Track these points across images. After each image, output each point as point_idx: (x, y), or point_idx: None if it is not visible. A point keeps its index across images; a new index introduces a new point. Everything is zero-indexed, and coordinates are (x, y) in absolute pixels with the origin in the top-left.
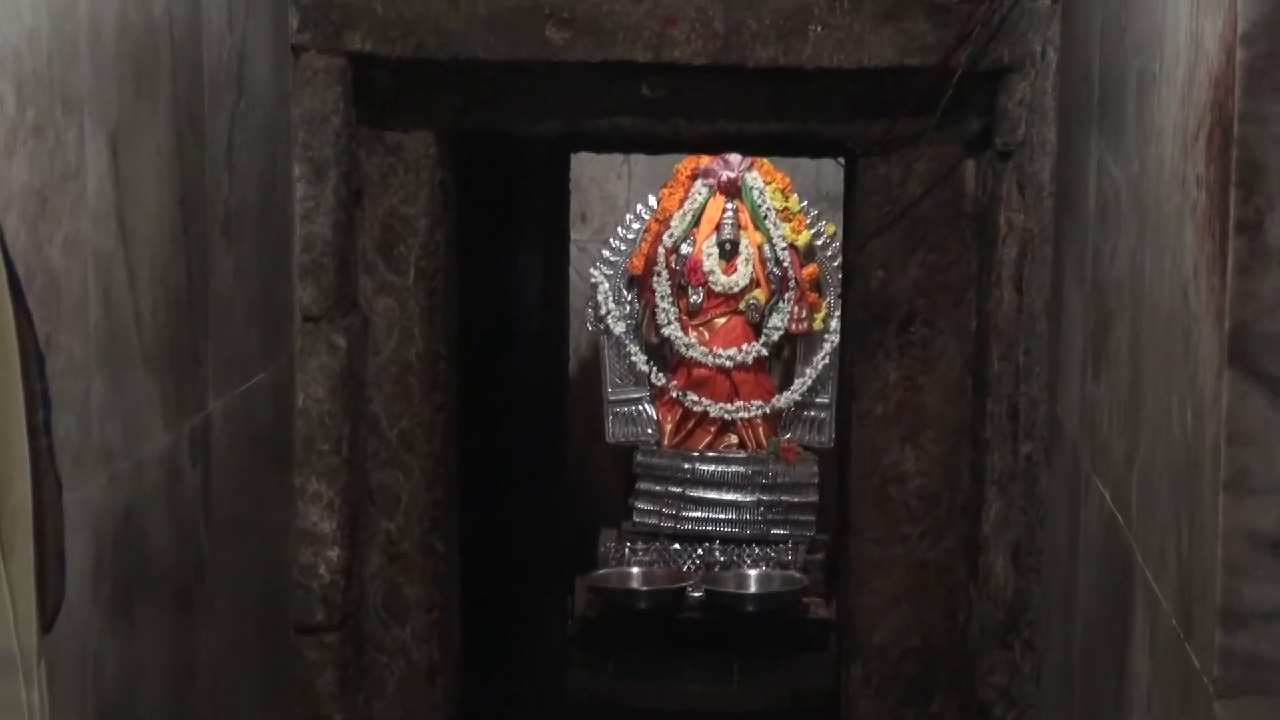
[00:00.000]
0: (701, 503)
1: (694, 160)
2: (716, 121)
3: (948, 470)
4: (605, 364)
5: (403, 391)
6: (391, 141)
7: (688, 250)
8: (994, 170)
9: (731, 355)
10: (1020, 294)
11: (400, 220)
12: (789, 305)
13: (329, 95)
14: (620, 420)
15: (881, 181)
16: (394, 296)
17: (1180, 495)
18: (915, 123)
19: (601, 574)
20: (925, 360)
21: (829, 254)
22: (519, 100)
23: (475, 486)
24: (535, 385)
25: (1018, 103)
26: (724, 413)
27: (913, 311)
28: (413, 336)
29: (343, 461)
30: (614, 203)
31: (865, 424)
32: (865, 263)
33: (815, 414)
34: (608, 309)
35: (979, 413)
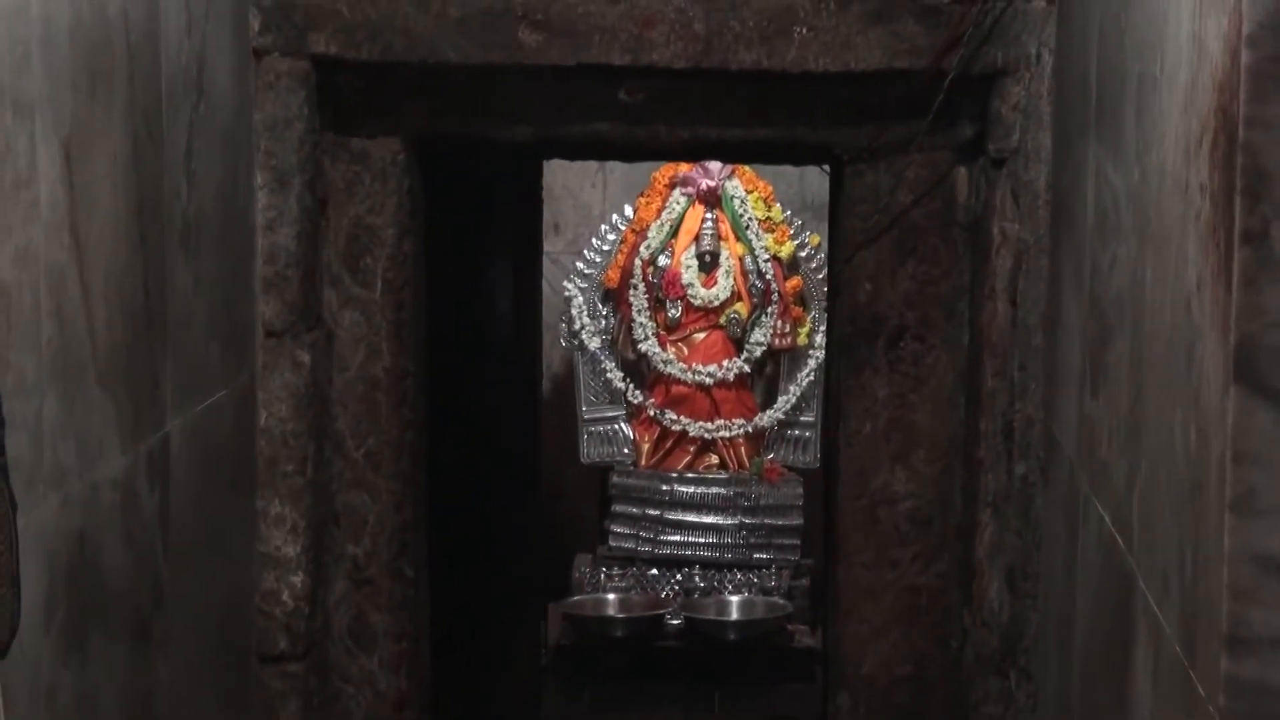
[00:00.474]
0: (681, 526)
1: (672, 168)
2: (697, 127)
3: (940, 491)
4: (579, 381)
5: (369, 409)
6: (357, 148)
7: (665, 262)
8: (987, 178)
9: (712, 372)
10: (1015, 307)
11: (367, 231)
12: (772, 319)
13: (292, 100)
14: (595, 440)
15: (869, 190)
16: (360, 310)
17: (1184, 516)
18: (905, 128)
19: (576, 601)
20: (916, 376)
21: (814, 266)
22: (490, 105)
23: (445, 509)
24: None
25: (1012, 107)
26: (704, 432)
27: (902, 326)
28: (380, 352)
29: (307, 483)
30: (588, 212)
31: (853, 443)
32: (852, 275)
33: (800, 433)
34: (582, 324)
35: (972, 431)
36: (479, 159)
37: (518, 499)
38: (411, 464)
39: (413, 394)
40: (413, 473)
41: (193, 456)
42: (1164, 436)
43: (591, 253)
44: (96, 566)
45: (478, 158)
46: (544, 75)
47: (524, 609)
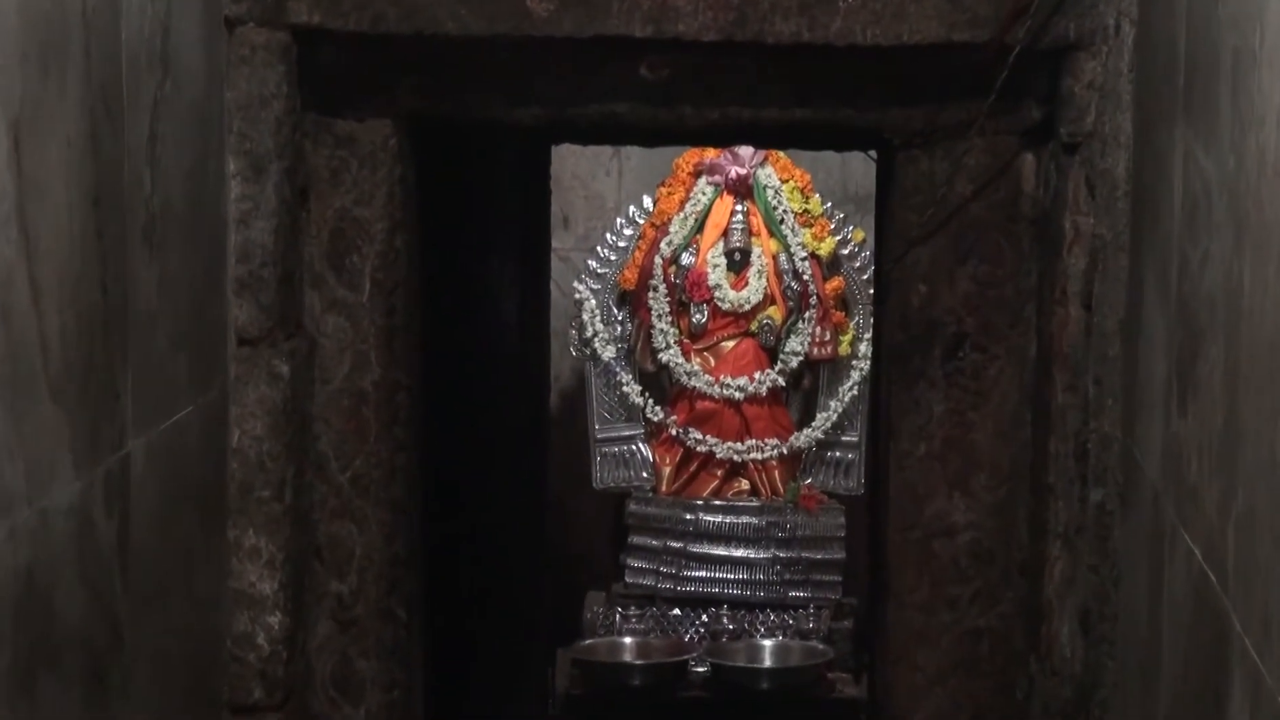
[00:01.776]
0: (706, 560)
1: (697, 154)
2: (727, 107)
3: (1003, 521)
4: (592, 396)
5: (357, 428)
6: (343, 131)
7: (690, 261)
8: (1058, 166)
9: (742, 385)
10: (1089, 312)
11: (354, 224)
12: (810, 326)
13: (269, 76)
14: (610, 462)
15: (924, 179)
16: (346, 315)
17: None
18: (964, 109)
19: (588, 645)
20: (976, 391)
21: (857, 265)
22: (494, 83)
23: (441, 541)
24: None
25: (1086, 86)
26: (733, 453)
27: (961, 333)
28: (368, 362)
29: (285, 511)
30: (602, 204)
31: (904, 467)
32: (903, 275)
33: (842, 455)
34: (594, 330)
35: (1040, 453)
36: (480, 144)
37: (523, 530)
38: (404, 490)
39: (405, 410)
40: (405, 500)
41: (156, 480)
42: (1263, 458)
43: (605, 250)
44: (47, 604)
45: (479, 143)
46: (555, 49)
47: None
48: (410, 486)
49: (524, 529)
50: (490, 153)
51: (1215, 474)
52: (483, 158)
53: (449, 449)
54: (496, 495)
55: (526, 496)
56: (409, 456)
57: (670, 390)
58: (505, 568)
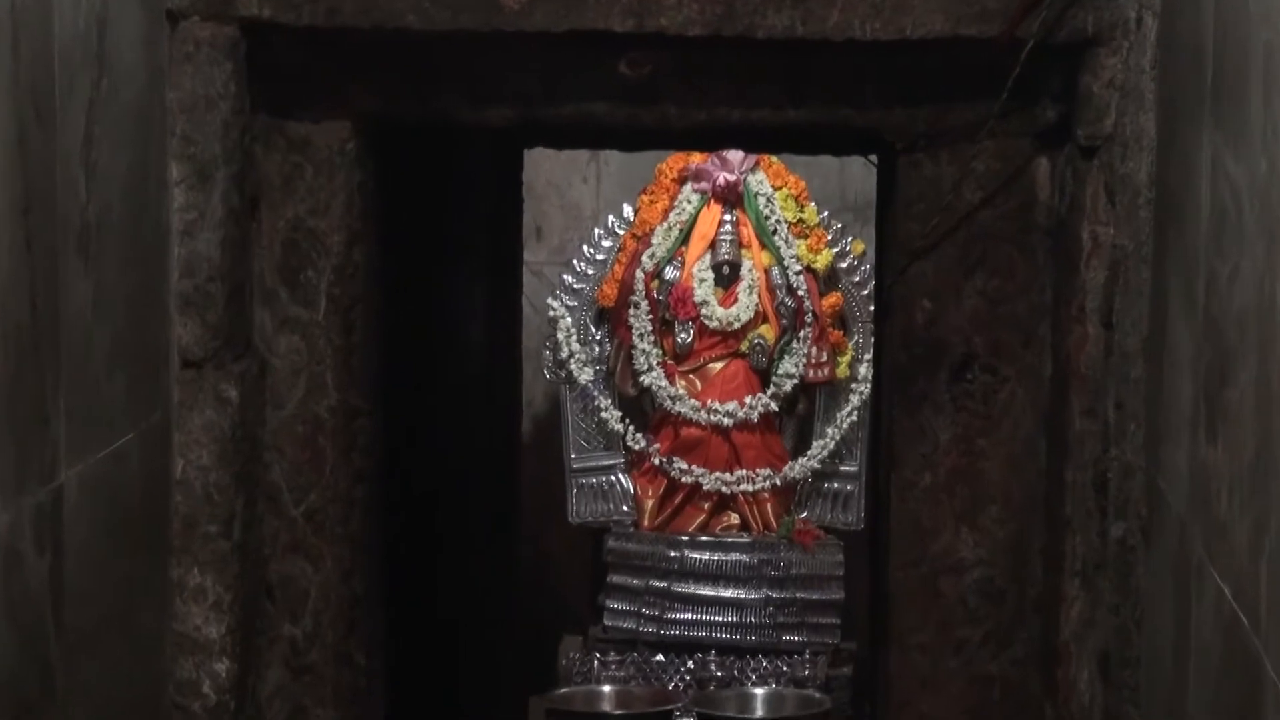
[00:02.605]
0: (692, 601)
1: (682, 158)
2: (715, 108)
3: (1016, 558)
4: (567, 422)
5: (311, 457)
6: (297, 134)
7: (674, 275)
8: (1074, 171)
9: (731, 410)
10: (1109, 330)
11: (308, 236)
12: (805, 346)
13: (215, 74)
14: (587, 495)
15: (928, 185)
16: (300, 334)
17: None
18: (972, 110)
19: (563, 694)
20: (986, 416)
21: (857, 280)
22: (461, 82)
23: (403, 580)
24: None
25: (1105, 84)
26: (721, 485)
27: (969, 353)
28: (324, 386)
29: (234, 547)
30: (578, 213)
31: (908, 499)
32: (907, 291)
33: (840, 486)
34: (570, 351)
35: (1056, 483)
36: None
37: (493, 568)
38: (363, 525)
39: (365, 438)
40: (364, 535)
41: (92, 514)
42: None
43: (582, 263)
44: None
45: (444, 147)
46: (526, 45)
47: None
48: (370, 521)
49: (494, 567)
50: (457, 158)
51: (1247, 506)
52: (449, 163)
53: (412, 480)
54: (464, 530)
55: (496, 531)
56: (368, 488)
57: (653, 416)
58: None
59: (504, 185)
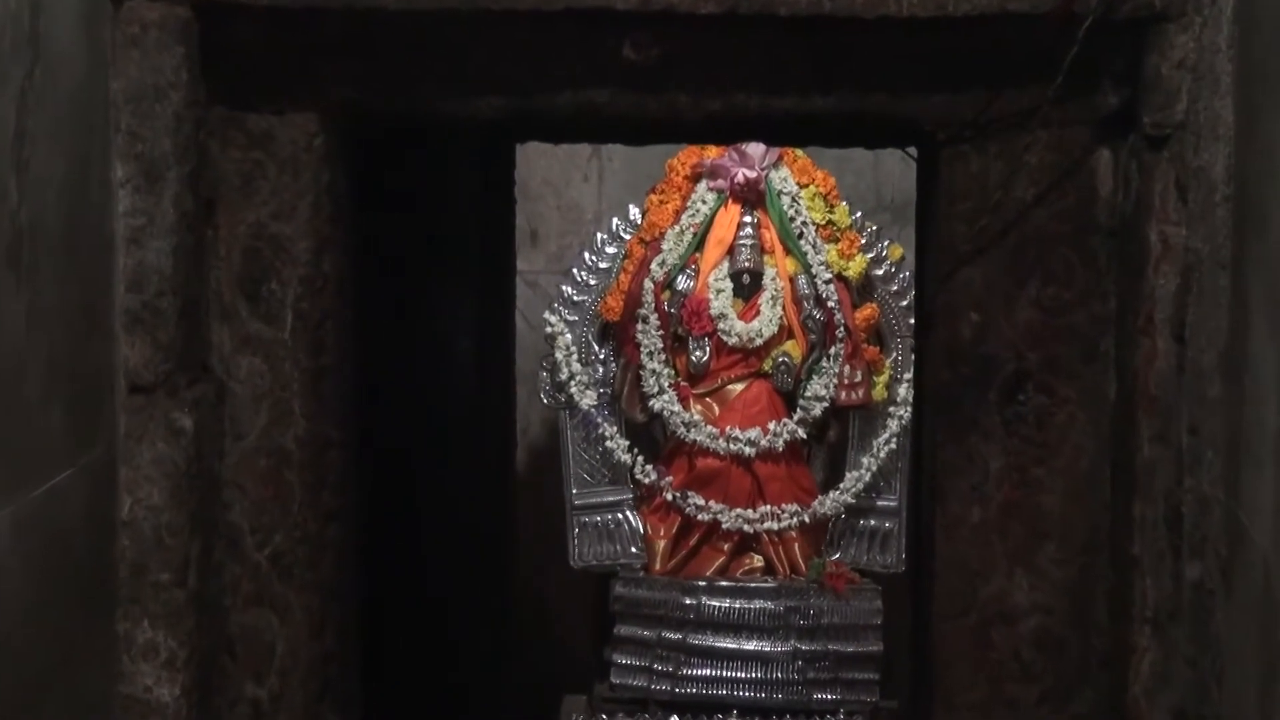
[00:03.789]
0: (711, 655)
1: (695, 153)
2: (731, 96)
3: (1077, 603)
4: (568, 453)
5: (277, 494)
6: (258, 128)
7: (687, 285)
8: (1140, 163)
9: (753, 438)
10: (1182, 345)
11: (271, 243)
12: (836, 364)
13: (166, 61)
14: (590, 535)
15: (975, 182)
16: (263, 355)
17: None
18: (1024, 95)
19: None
20: (1042, 443)
21: (895, 289)
22: (444, 69)
23: (382, 633)
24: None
25: (1176, 65)
26: (743, 523)
27: (1023, 371)
28: (291, 413)
29: (189, 597)
30: (578, 216)
31: (954, 537)
32: (952, 301)
33: (878, 523)
34: (570, 372)
35: (1123, 519)
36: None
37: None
38: (335, 571)
39: (337, 472)
40: (337, 583)
41: (26, 559)
42: None
43: (583, 272)
44: None
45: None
46: (519, 26)
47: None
48: (343, 566)
49: (486, 617)
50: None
51: None
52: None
53: (394, 521)
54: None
55: (488, 577)
56: (342, 529)
57: (665, 445)
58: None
59: (494, 185)
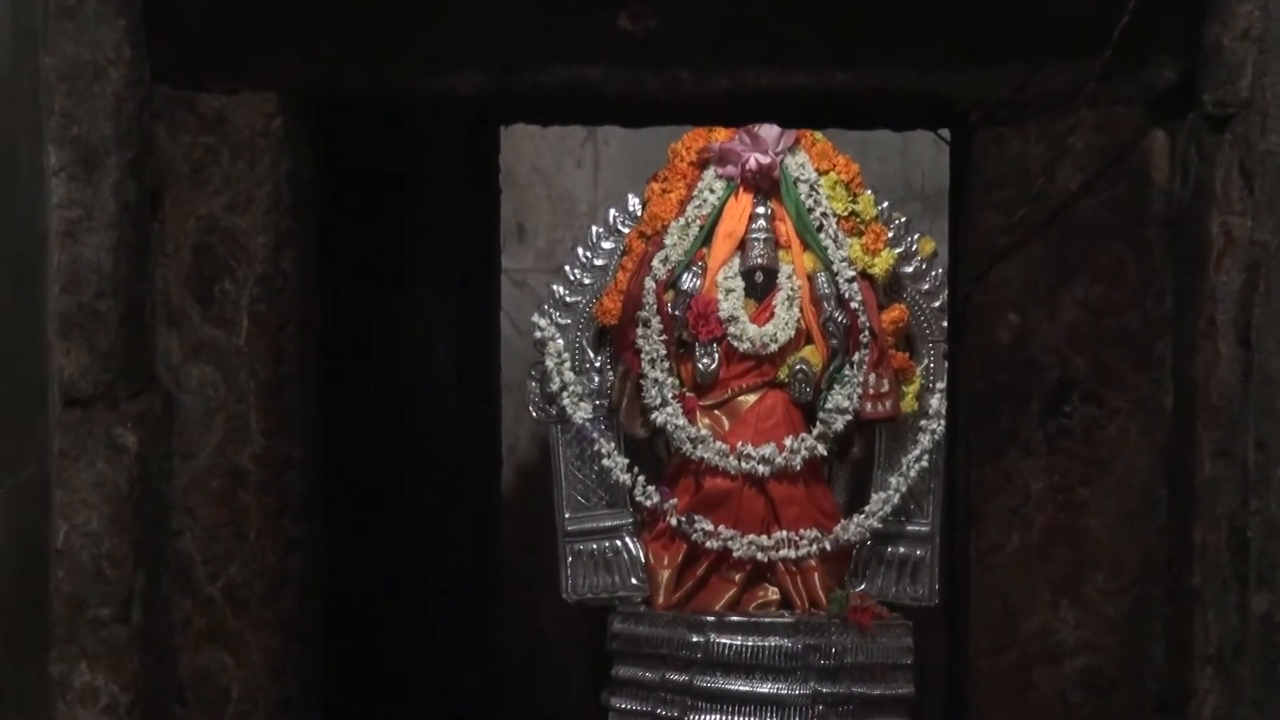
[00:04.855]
0: (720, 699)
1: (702, 136)
2: (741, 71)
3: (1129, 640)
4: (560, 472)
5: (231, 520)
6: (210, 110)
7: (693, 284)
8: (1200, 146)
9: (768, 456)
10: (1247, 349)
11: (225, 238)
12: (860, 373)
13: (105, 35)
14: (585, 564)
15: (1014, 167)
16: (216, 364)
17: None
18: (1069, 70)
19: None
20: (1090, 459)
21: (926, 288)
22: (418, 42)
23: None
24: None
25: (1239, 35)
26: (757, 550)
27: (1068, 380)
28: (247, 429)
29: (133, 635)
30: (571, 207)
31: (992, 565)
32: (989, 301)
33: (907, 551)
34: (563, 382)
35: (1181, 544)
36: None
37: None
38: (297, 605)
39: (300, 495)
40: (299, 620)
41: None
42: None
43: (577, 270)
44: None
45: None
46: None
47: None
48: (306, 600)
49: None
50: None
51: None
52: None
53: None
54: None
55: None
56: (304, 559)
57: (668, 464)
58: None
59: (476, 172)
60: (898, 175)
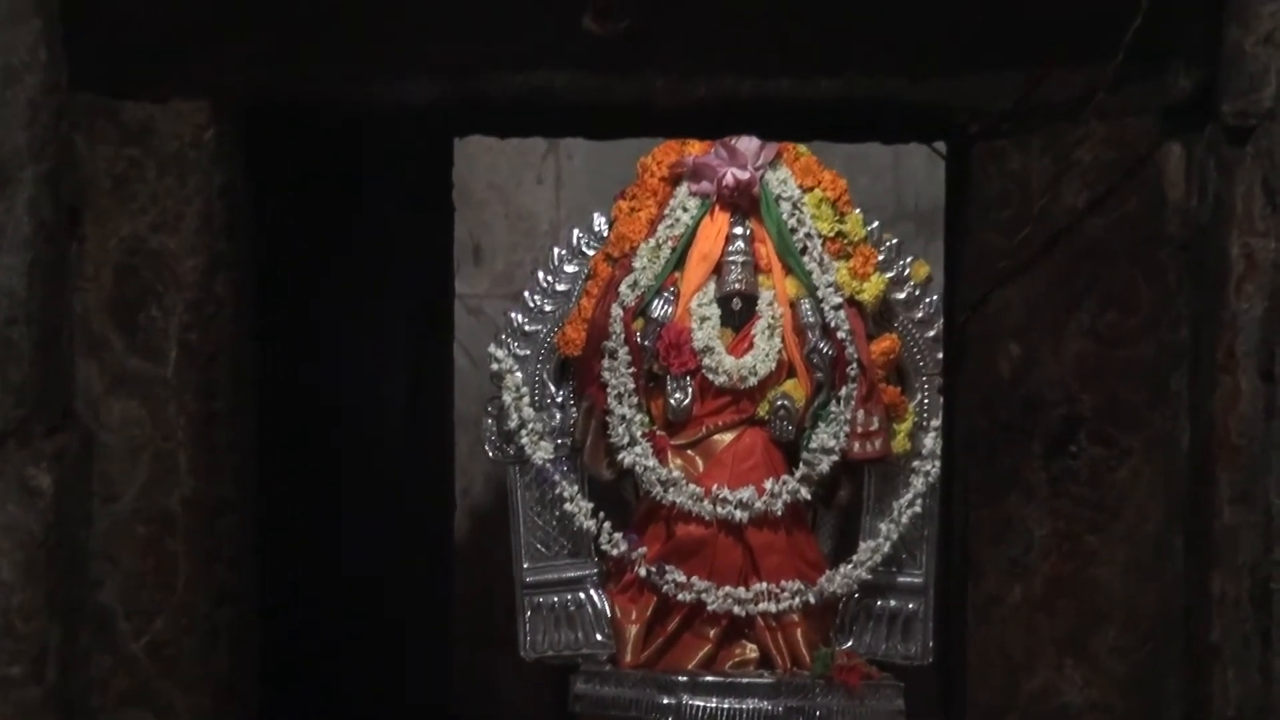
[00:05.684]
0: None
1: (674, 149)
2: (718, 78)
3: (1143, 702)
4: (518, 518)
5: (158, 568)
6: (135, 119)
7: (665, 312)
8: (1219, 161)
9: (746, 500)
10: (1271, 383)
11: (151, 260)
12: (848, 409)
13: (19, 36)
14: (546, 619)
15: (1015, 183)
16: (141, 398)
17: None
18: (1075, 78)
19: None
20: (1099, 504)
21: (919, 316)
22: (363, 45)
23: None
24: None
25: (1262, 39)
26: (733, 604)
27: (1074, 416)
28: (175, 470)
29: (47, 696)
30: (531, 227)
31: (991, 619)
32: (988, 330)
33: (899, 604)
34: (521, 419)
35: (1198, 597)
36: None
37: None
38: (230, 663)
39: (233, 542)
40: (232, 679)
41: None
42: None
43: (537, 296)
44: None
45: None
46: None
47: None
48: (239, 658)
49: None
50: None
51: None
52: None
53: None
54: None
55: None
56: (238, 612)
57: (637, 509)
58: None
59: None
60: (889, 192)
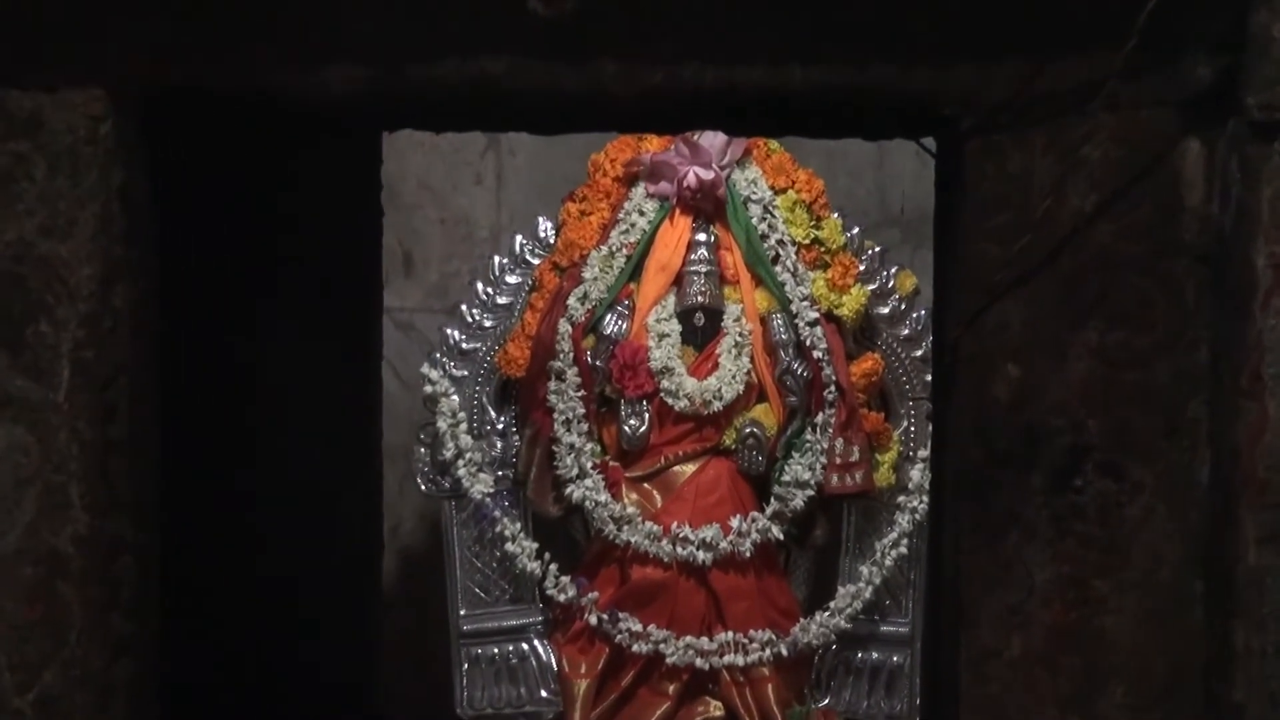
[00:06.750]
0: None
1: (629, 145)
2: (679, 65)
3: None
4: (454, 559)
5: (46, 616)
6: (22, 110)
7: (618, 329)
8: (1242, 160)
9: (709, 539)
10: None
11: (40, 268)
12: (825, 438)
13: None
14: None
15: (1014, 184)
16: (28, 423)
17: None
18: (1082, 67)
19: None
20: (1108, 545)
21: (905, 334)
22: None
23: None
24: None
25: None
26: (695, 656)
27: (1080, 446)
28: (67, 504)
29: None
30: (469, 233)
31: (986, 674)
32: (983, 350)
33: (881, 657)
34: (458, 448)
35: (1220, 650)
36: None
37: None
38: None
39: (133, 586)
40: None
41: None
42: None
43: (476, 310)
44: None
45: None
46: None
47: None
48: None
49: None
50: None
51: None
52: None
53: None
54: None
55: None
56: (137, 665)
57: (588, 549)
58: None
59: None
60: (871, 195)
